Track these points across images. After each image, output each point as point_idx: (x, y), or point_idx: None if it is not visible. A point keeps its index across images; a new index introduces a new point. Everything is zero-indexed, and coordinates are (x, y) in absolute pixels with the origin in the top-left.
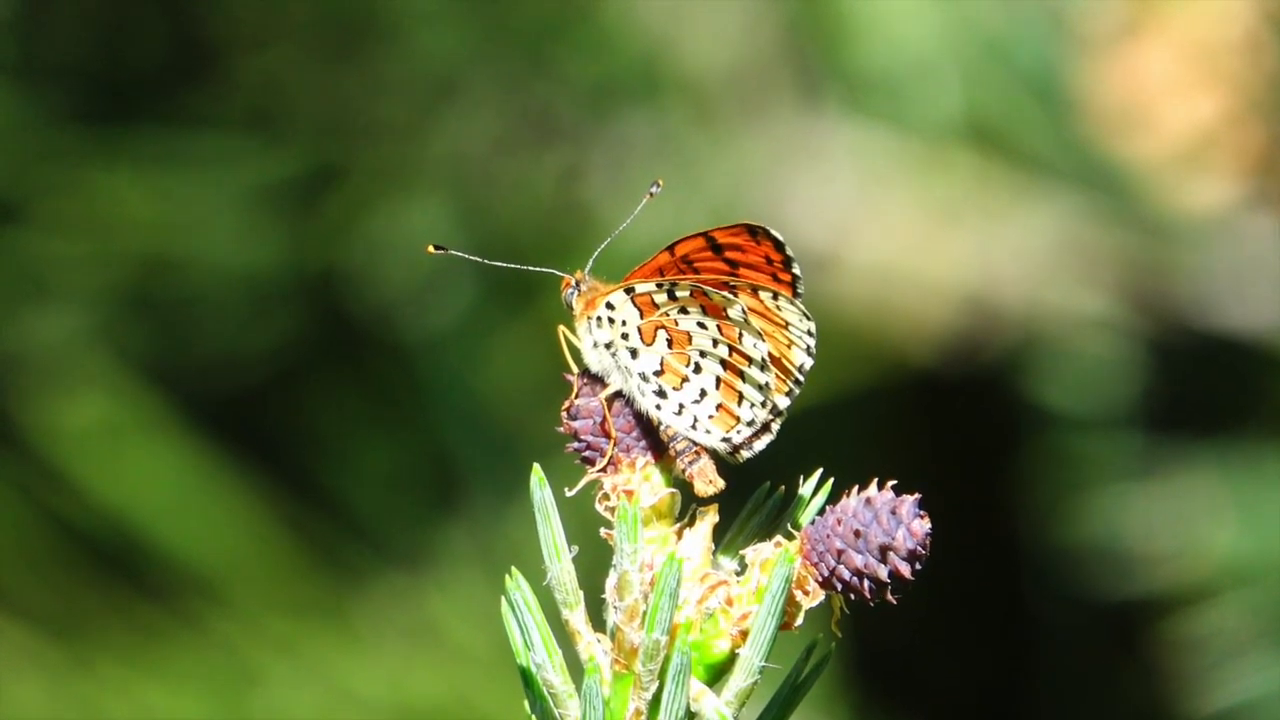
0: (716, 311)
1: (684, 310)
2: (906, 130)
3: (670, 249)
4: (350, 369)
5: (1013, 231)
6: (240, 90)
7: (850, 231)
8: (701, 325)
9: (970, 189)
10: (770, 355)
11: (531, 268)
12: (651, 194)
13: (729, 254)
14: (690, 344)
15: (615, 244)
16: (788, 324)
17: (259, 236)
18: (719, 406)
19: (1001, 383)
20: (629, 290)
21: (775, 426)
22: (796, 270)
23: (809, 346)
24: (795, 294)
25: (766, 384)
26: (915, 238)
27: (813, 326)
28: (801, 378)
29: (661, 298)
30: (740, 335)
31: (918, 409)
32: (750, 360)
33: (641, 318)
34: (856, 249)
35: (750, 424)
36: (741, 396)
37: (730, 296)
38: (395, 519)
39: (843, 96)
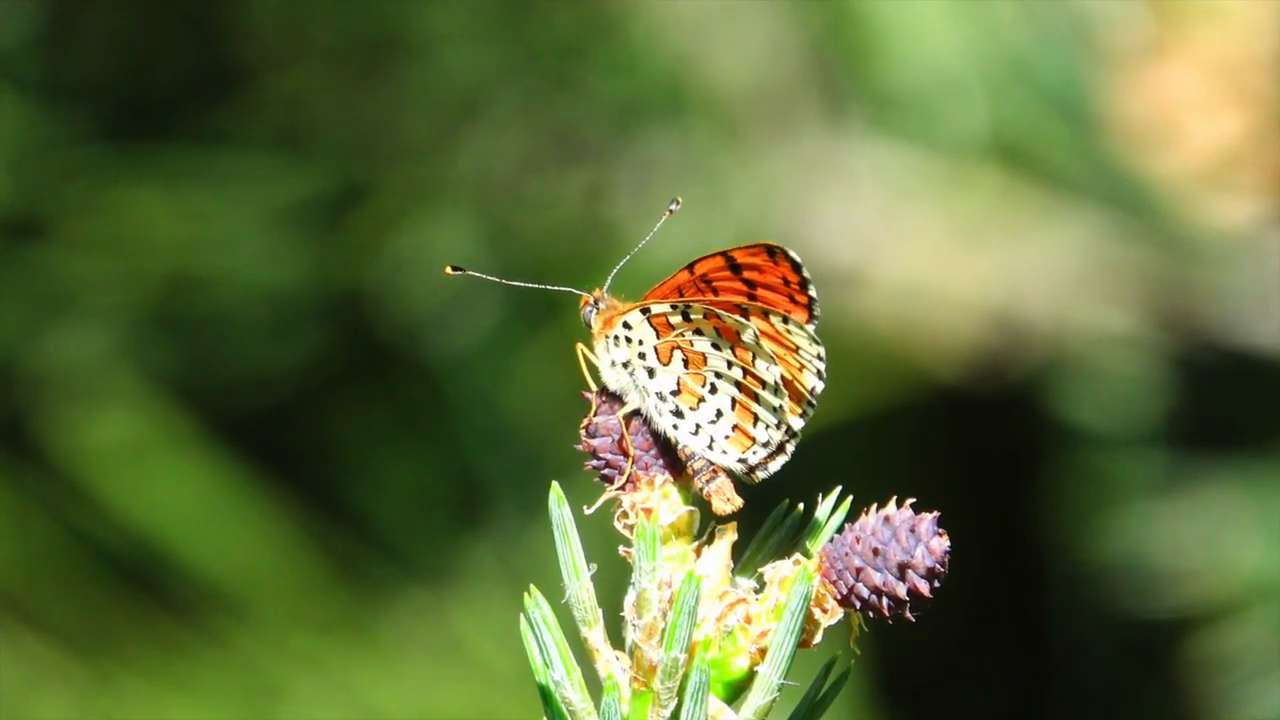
0: (730, 334)
1: (698, 332)
2: (932, 148)
3: (690, 268)
4: (375, 387)
5: (1038, 249)
6: (266, 108)
7: (876, 249)
8: (716, 347)
9: (996, 207)
10: (783, 378)
11: (550, 286)
12: (670, 211)
13: (747, 274)
14: (705, 365)
15: (639, 262)
16: (798, 348)
17: (285, 255)
18: (735, 427)
19: (1027, 400)
20: (645, 310)
21: (790, 448)
22: (813, 292)
23: (819, 370)
24: (811, 316)
25: (780, 407)
26: (941, 255)
27: (822, 351)
28: (814, 400)
29: (676, 319)
30: (754, 359)
31: (942, 426)
32: (764, 384)
33: (658, 337)
34: (882, 267)
35: (765, 445)
36: (756, 418)
37: (743, 320)
38: (420, 535)
39: (868, 114)
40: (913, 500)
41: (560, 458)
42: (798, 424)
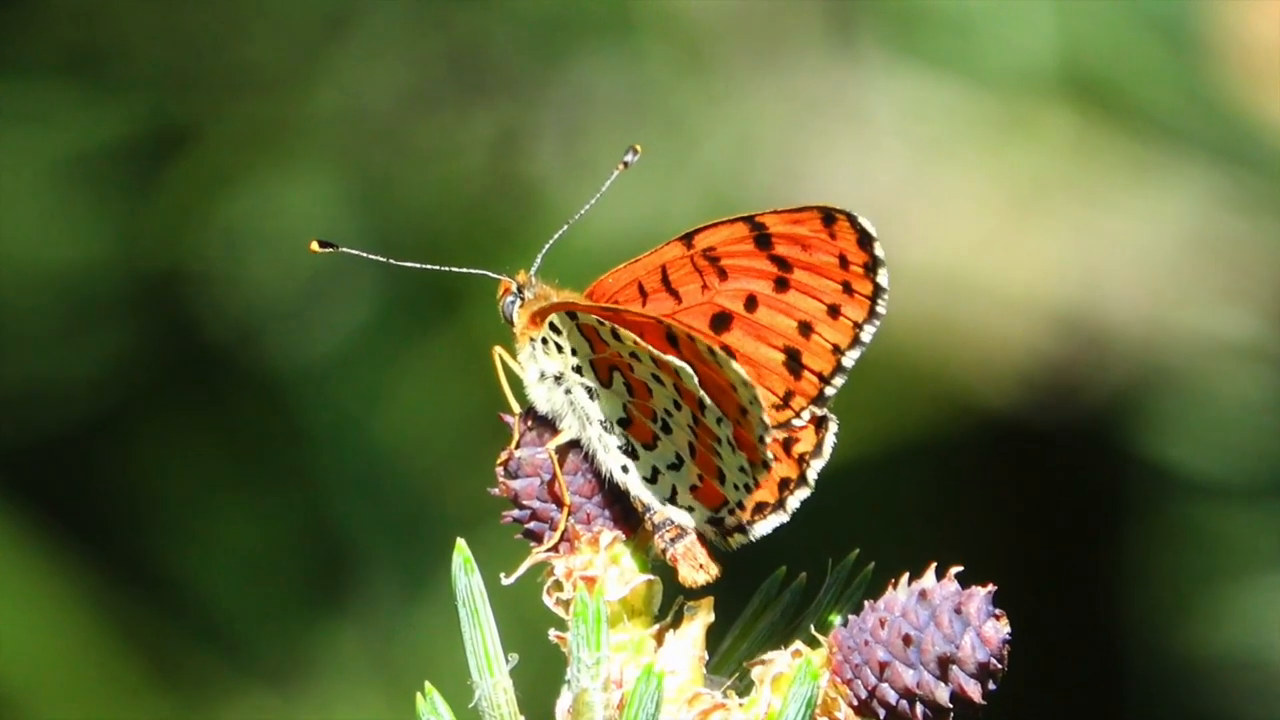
0: (668, 370)
1: (635, 356)
2: (977, 82)
3: (688, 238)
4: (201, 407)
5: (1124, 222)
6: (52, 22)
7: (899, 222)
8: (658, 380)
9: (1066, 164)
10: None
11: (453, 269)
12: (625, 164)
13: (781, 248)
14: (651, 398)
15: (581, 236)
16: (732, 386)
17: (77, 222)
18: (701, 478)
19: (1106, 432)
20: (572, 315)
21: (792, 503)
22: (882, 278)
23: (761, 420)
24: (872, 314)
25: (744, 467)
26: (988, 231)
27: (758, 395)
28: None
29: (606, 333)
30: (700, 406)
31: (993, 467)
32: (717, 439)
33: (594, 351)
34: (908, 246)
35: (740, 505)
36: (722, 474)
37: (674, 360)
38: (261, 616)
39: (888, 36)
40: (958, 569)
41: (464, 507)
42: (794, 495)
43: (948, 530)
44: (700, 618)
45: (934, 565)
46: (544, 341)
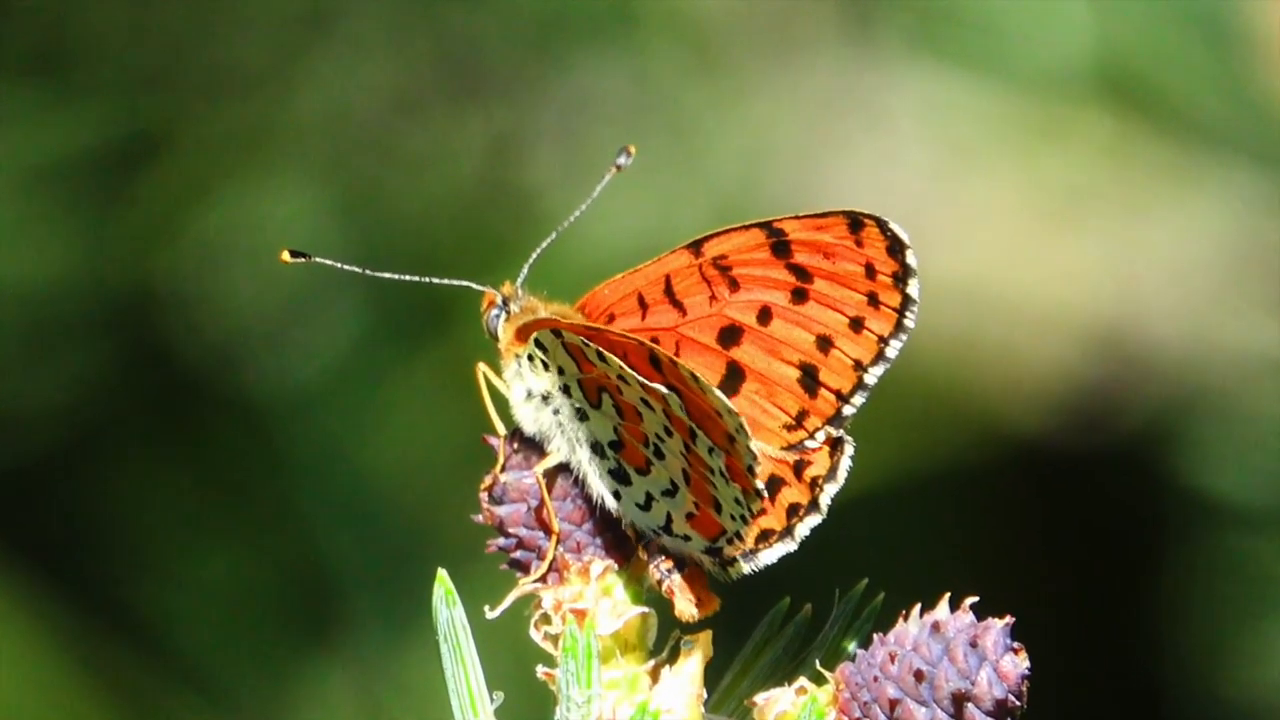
0: (657, 397)
1: (623, 379)
2: (1006, 82)
3: (696, 246)
4: (176, 436)
5: (1163, 234)
6: (16, 22)
7: (922, 232)
8: (648, 405)
9: (1101, 171)
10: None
11: (434, 279)
12: (618, 166)
13: (801, 257)
14: (642, 422)
15: (582, 246)
16: (717, 413)
17: (42, 236)
18: (698, 506)
19: (1145, 458)
20: (556, 333)
21: (801, 530)
22: (912, 289)
23: (747, 448)
24: (899, 327)
25: (739, 498)
26: (1018, 243)
27: (743, 423)
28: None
29: (592, 354)
30: (692, 434)
31: (1019, 495)
32: (709, 469)
33: (580, 371)
34: (931, 259)
35: (739, 536)
36: (718, 503)
37: (659, 387)
38: (242, 656)
39: (909, 33)
40: (973, 599)
41: (450, 536)
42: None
43: (967, 563)
44: (698, 653)
45: (948, 595)
46: (530, 359)
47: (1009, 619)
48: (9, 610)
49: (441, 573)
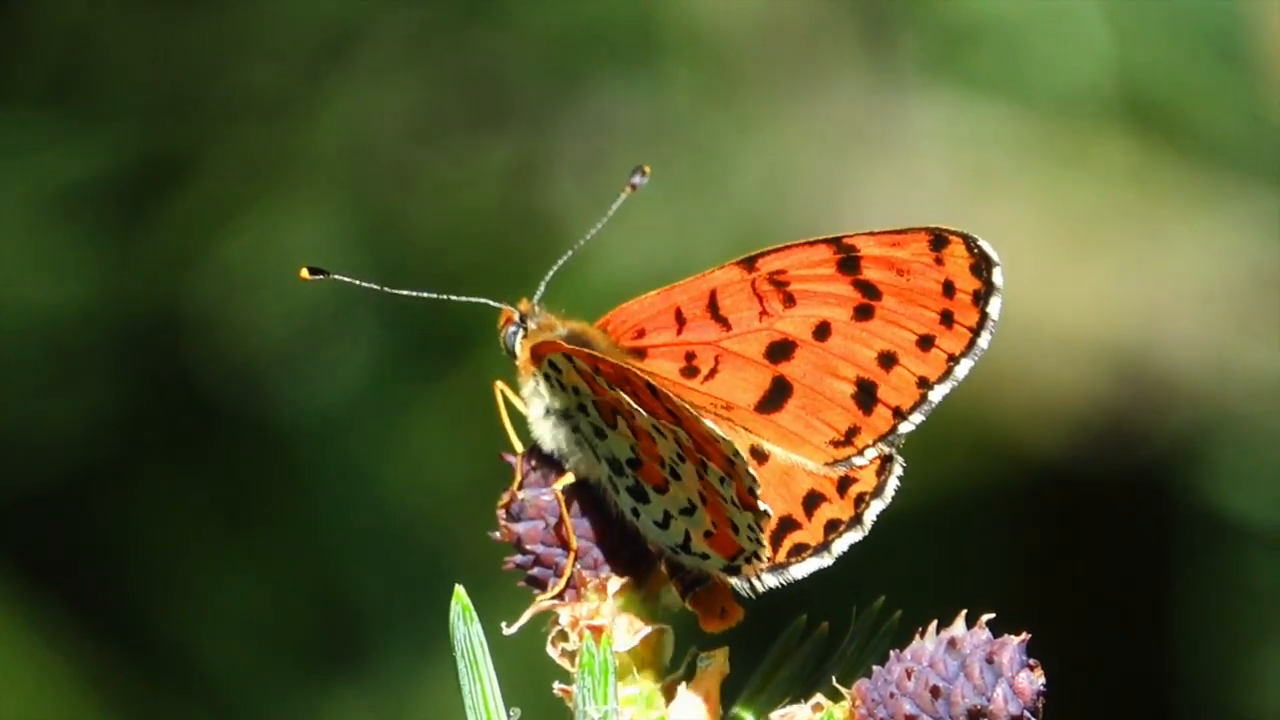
0: (664, 415)
1: (634, 406)
2: (1027, 106)
3: (749, 261)
4: (198, 461)
5: (1186, 258)
6: (36, 46)
7: None
8: (660, 432)
9: (1123, 194)
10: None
11: (455, 297)
12: (633, 186)
13: (871, 273)
14: (656, 446)
15: (601, 269)
16: (713, 440)
17: (64, 262)
18: (715, 525)
19: (1165, 482)
20: (568, 357)
21: (839, 546)
22: (993, 308)
23: (748, 475)
24: (972, 346)
25: (752, 525)
26: (1039, 267)
27: (738, 447)
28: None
29: (603, 381)
30: (703, 464)
31: (1041, 516)
32: (723, 498)
33: (594, 392)
34: None
35: (756, 556)
36: (735, 526)
37: (664, 424)
38: (265, 683)
39: (931, 57)
40: (989, 616)
41: (470, 558)
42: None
43: (987, 583)
44: (714, 669)
45: (964, 612)
46: (547, 377)
47: (1025, 635)
48: (30, 636)
49: (459, 589)
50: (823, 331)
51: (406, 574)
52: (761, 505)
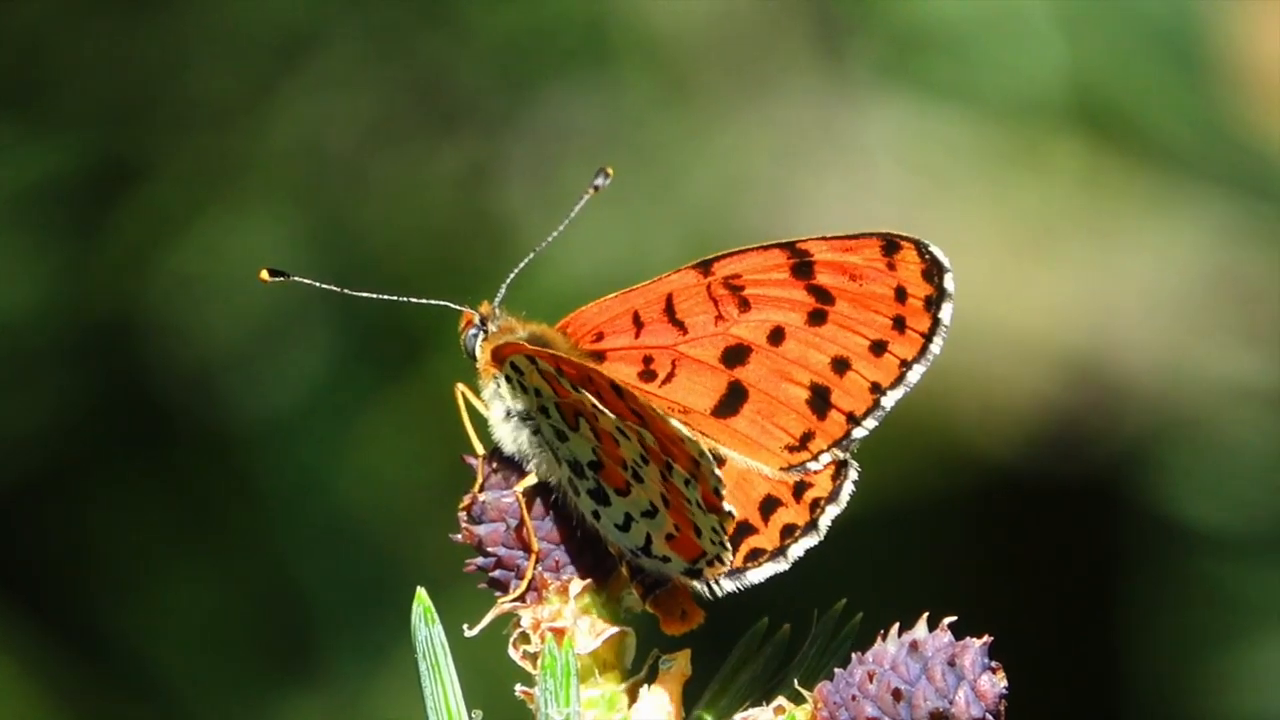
0: (629, 416)
1: (597, 408)
2: (979, 111)
3: (705, 265)
4: (151, 465)
5: (1137, 261)
6: None
7: None
8: (624, 434)
9: (1074, 198)
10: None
11: (415, 299)
12: (596, 188)
13: (824, 278)
14: (619, 448)
15: (554, 274)
16: (681, 439)
17: (15, 267)
18: (678, 528)
19: (1118, 486)
20: (531, 358)
21: (794, 551)
22: (945, 314)
23: (712, 477)
24: (924, 352)
25: (716, 528)
26: (991, 271)
27: (704, 450)
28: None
29: (566, 383)
30: (669, 466)
31: (994, 522)
32: (687, 500)
33: (557, 394)
34: None
35: (719, 559)
36: (697, 528)
37: (630, 424)
38: (218, 688)
39: (882, 61)
40: (951, 619)
41: (427, 562)
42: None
43: (942, 587)
44: (677, 671)
45: (926, 615)
46: (507, 379)
47: (987, 638)
48: None
49: (420, 591)
50: (777, 336)
51: (362, 577)
52: (727, 507)
